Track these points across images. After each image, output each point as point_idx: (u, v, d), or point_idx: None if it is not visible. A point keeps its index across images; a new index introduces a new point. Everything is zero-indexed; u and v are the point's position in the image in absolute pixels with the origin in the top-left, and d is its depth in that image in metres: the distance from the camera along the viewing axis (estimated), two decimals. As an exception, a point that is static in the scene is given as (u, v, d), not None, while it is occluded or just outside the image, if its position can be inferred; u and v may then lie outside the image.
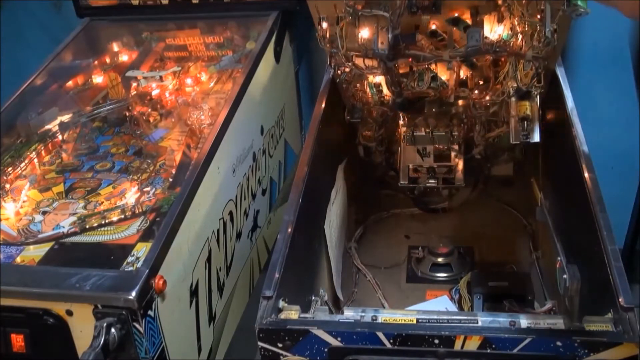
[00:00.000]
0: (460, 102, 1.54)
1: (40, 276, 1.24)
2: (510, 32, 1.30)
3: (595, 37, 2.03)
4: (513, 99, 1.41)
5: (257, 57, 1.80)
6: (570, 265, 1.23)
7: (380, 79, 1.51)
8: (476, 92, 1.48)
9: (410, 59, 1.37)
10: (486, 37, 1.31)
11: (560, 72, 1.52)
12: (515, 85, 1.37)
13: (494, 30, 1.33)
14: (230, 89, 1.73)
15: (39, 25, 2.39)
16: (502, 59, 1.40)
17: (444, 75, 1.45)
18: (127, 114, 1.78)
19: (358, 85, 1.57)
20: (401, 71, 1.43)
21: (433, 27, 1.38)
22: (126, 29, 2.10)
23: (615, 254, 1.10)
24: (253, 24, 1.98)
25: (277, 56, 1.95)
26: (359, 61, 1.37)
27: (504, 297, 1.47)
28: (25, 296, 1.21)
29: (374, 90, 1.54)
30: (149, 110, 1.78)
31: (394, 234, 1.84)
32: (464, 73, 1.48)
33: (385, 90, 1.52)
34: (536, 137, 1.42)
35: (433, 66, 1.42)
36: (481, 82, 1.48)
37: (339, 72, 1.49)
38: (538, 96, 1.42)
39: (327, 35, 1.36)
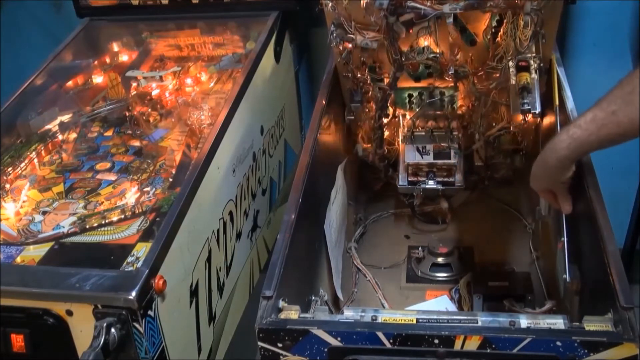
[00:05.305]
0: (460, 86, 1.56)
1: (40, 276, 1.25)
2: None
3: (595, 38, 2.04)
4: (512, 71, 1.42)
5: (257, 57, 1.80)
6: (570, 265, 1.23)
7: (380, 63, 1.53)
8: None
9: (410, 30, 1.38)
10: None
11: (561, 72, 1.52)
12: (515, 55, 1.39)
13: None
14: (230, 89, 1.73)
15: (39, 25, 2.39)
16: (503, 25, 1.41)
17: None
18: (127, 114, 1.78)
19: (359, 73, 1.57)
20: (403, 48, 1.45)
21: None
22: (126, 29, 2.10)
23: (615, 254, 1.10)
24: (253, 24, 1.98)
25: (277, 56, 1.95)
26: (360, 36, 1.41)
27: (504, 297, 1.47)
28: (25, 296, 1.21)
29: (374, 70, 1.55)
30: (149, 110, 1.78)
31: (394, 234, 1.83)
32: (463, 56, 1.49)
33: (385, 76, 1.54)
34: (537, 107, 1.42)
35: (433, 46, 1.43)
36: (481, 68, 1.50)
37: (340, 48, 1.49)
38: (537, 71, 1.42)
39: None
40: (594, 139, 1.11)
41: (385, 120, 1.70)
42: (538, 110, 1.42)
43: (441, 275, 1.65)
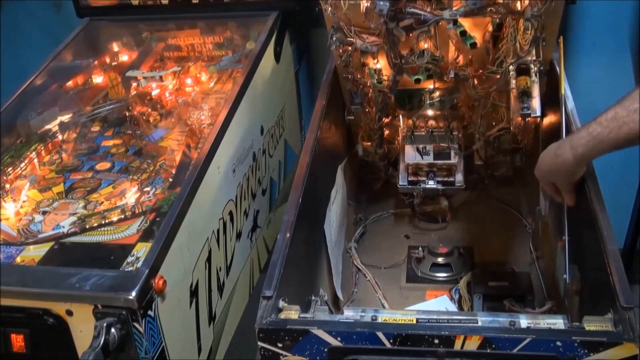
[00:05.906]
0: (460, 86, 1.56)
1: (40, 276, 1.24)
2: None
3: (595, 38, 2.04)
4: (512, 74, 1.42)
5: (257, 57, 1.80)
6: (570, 265, 1.23)
7: (380, 65, 1.53)
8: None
9: (410, 34, 1.38)
10: None
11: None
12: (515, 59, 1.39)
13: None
14: (230, 89, 1.73)
15: (39, 25, 2.39)
16: (504, 29, 1.41)
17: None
18: (127, 114, 1.78)
19: (359, 75, 1.58)
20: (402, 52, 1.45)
21: None
22: (126, 29, 2.10)
23: (615, 254, 1.10)
24: (253, 24, 1.98)
25: (277, 56, 1.95)
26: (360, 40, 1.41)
27: (504, 297, 1.47)
28: (25, 296, 1.21)
29: (374, 72, 1.55)
30: (149, 110, 1.78)
31: (394, 234, 1.84)
32: (463, 59, 1.49)
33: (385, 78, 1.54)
34: (537, 111, 1.42)
35: (433, 49, 1.44)
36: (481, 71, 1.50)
37: (340, 50, 1.49)
38: (538, 74, 1.42)
39: None
40: (613, 137, 1.08)
41: (385, 121, 1.70)
42: (538, 114, 1.42)
43: (441, 275, 1.65)
